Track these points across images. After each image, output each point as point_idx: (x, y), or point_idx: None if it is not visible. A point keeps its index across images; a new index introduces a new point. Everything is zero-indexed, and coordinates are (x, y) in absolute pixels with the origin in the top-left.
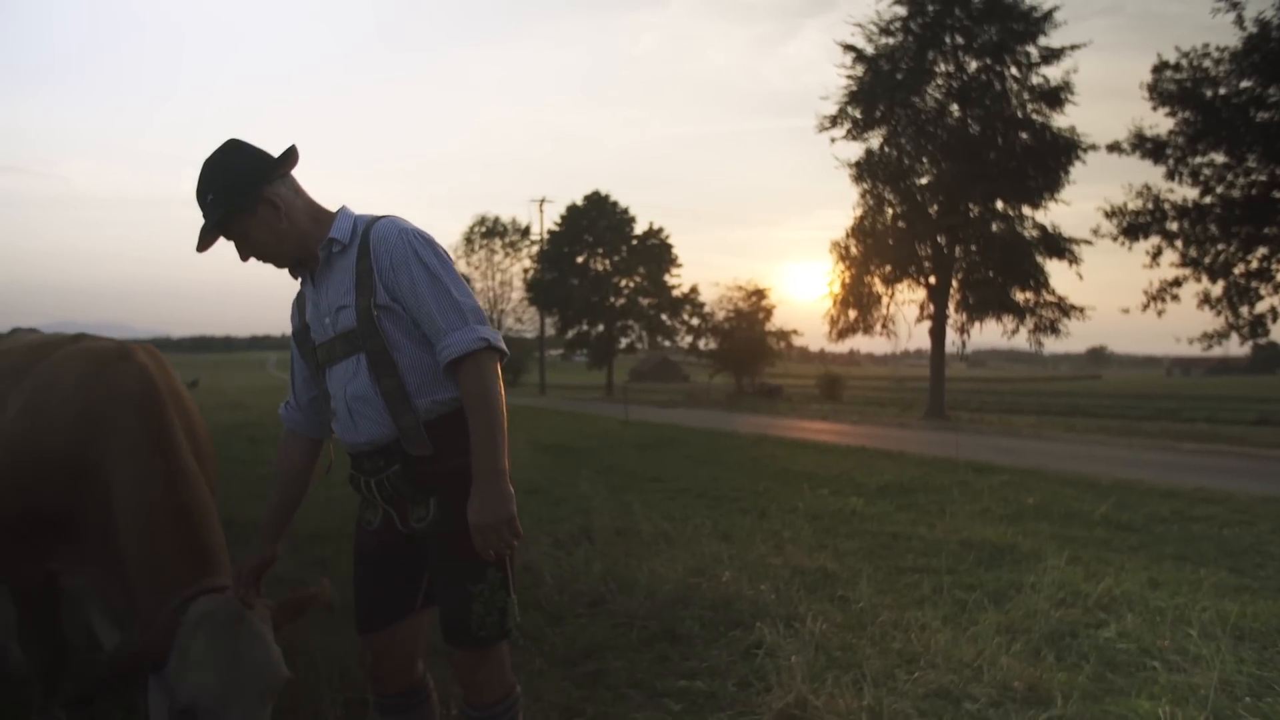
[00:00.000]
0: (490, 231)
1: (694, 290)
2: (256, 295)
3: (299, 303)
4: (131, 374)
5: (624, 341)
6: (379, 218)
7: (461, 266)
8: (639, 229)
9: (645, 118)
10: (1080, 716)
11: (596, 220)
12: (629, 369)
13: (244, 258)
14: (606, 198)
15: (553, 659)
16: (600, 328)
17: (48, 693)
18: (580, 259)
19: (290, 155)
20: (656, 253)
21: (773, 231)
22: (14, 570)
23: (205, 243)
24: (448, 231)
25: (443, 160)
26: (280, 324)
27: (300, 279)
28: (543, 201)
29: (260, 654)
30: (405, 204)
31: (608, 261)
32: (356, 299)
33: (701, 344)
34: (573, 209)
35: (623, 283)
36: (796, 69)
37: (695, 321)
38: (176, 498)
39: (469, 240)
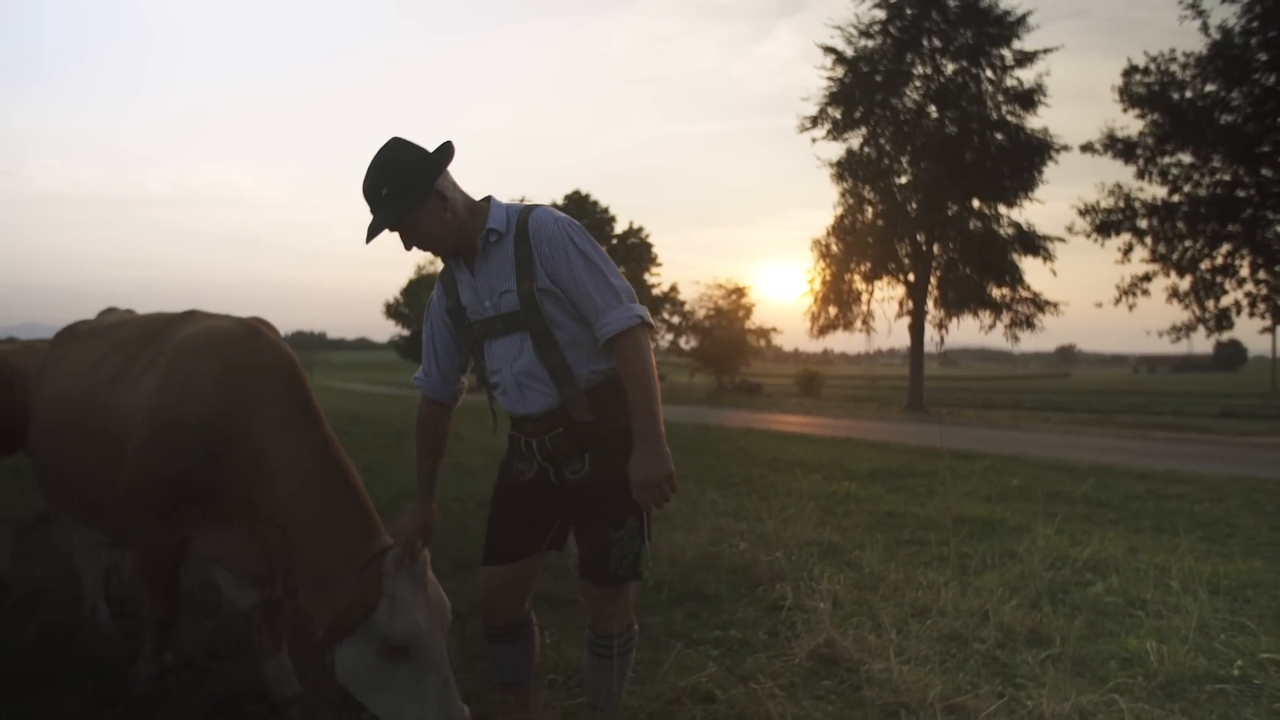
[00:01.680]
0: None
1: (674, 289)
2: (220, 295)
3: (447, 284)
4: (268, 349)
5: None
6: (531, 207)
7: (439, 265)
8: (619, 228)
9: (619, 118)
10: (1077, 654)
11: (577, 220)
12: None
13: (408, 247)
14: (587, 197)
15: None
16: None
17: (160, 641)
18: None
19: (449, 150)
20: (637, 252)
21: (746, 231)
22: (161, 537)
23: (374, 235)
24: None
25: None
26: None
27: (454, 263)
28: (523, 201)
29: (440, 595)
30: None
31: None
32: (518, 284)
33: (682, 342)
34: (553, 208)
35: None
36: (770, 69)
37: (676, 320)
38: (334, 465)
39: None
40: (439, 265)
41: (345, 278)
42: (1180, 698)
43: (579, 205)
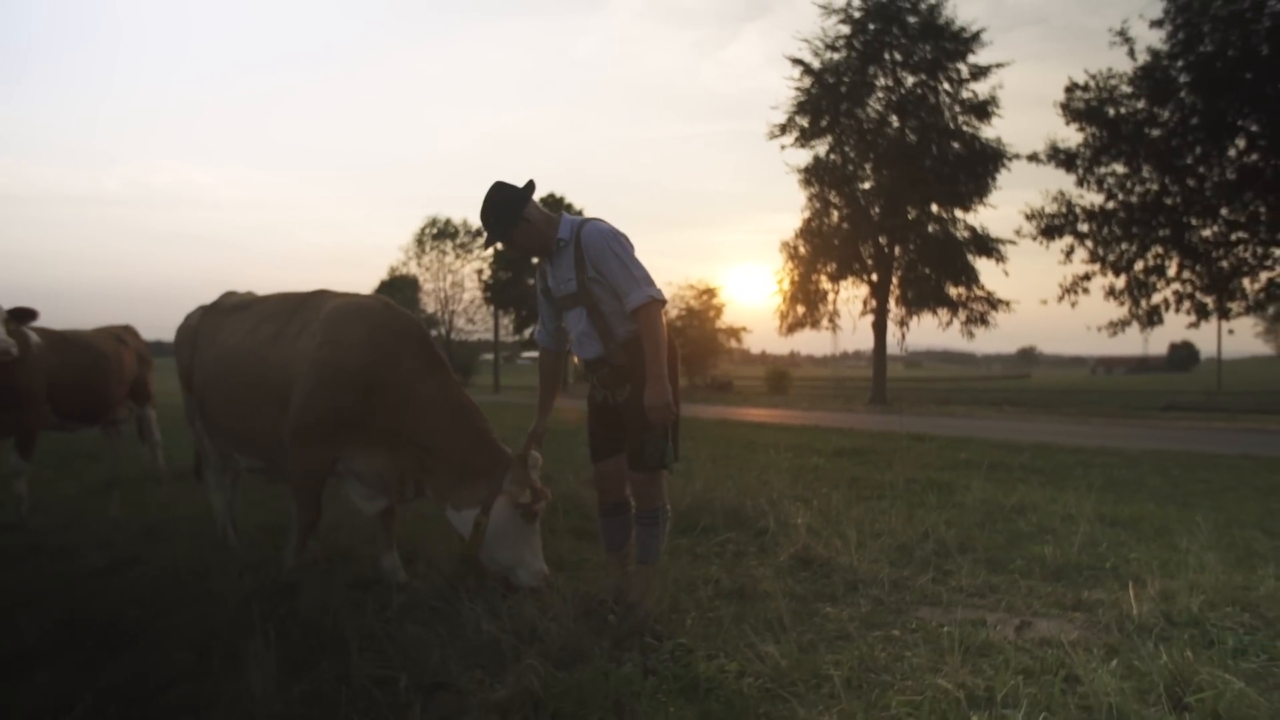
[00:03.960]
0: (442, 233)
1: None
2: (182, 296)
3: (541, 273)
4: (402, 316)
5: None
6: (586, 221)
7: (412, 267)
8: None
9: (586, 120)
10: (994, 557)
11: None
12: (571, 370)
13: (514, 254)
14: (560, 200)
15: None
16: None
17: (303, 541)
18: (488, 244)
19: (531, 186)
20: None
21: (714, 234)
22: (319, 459)
23: (489, 246)
24: (390, 233)
25: (387, 161)
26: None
27: (544, 260)
28: None
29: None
30: (348, 203)
31: None
32: (577, 274)
33: None
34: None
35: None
36: (736, 73)
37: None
38: (465, 400)
39: (420, 242)
40: (411, 268)
41: (310, 279)
42: (1063, 580)
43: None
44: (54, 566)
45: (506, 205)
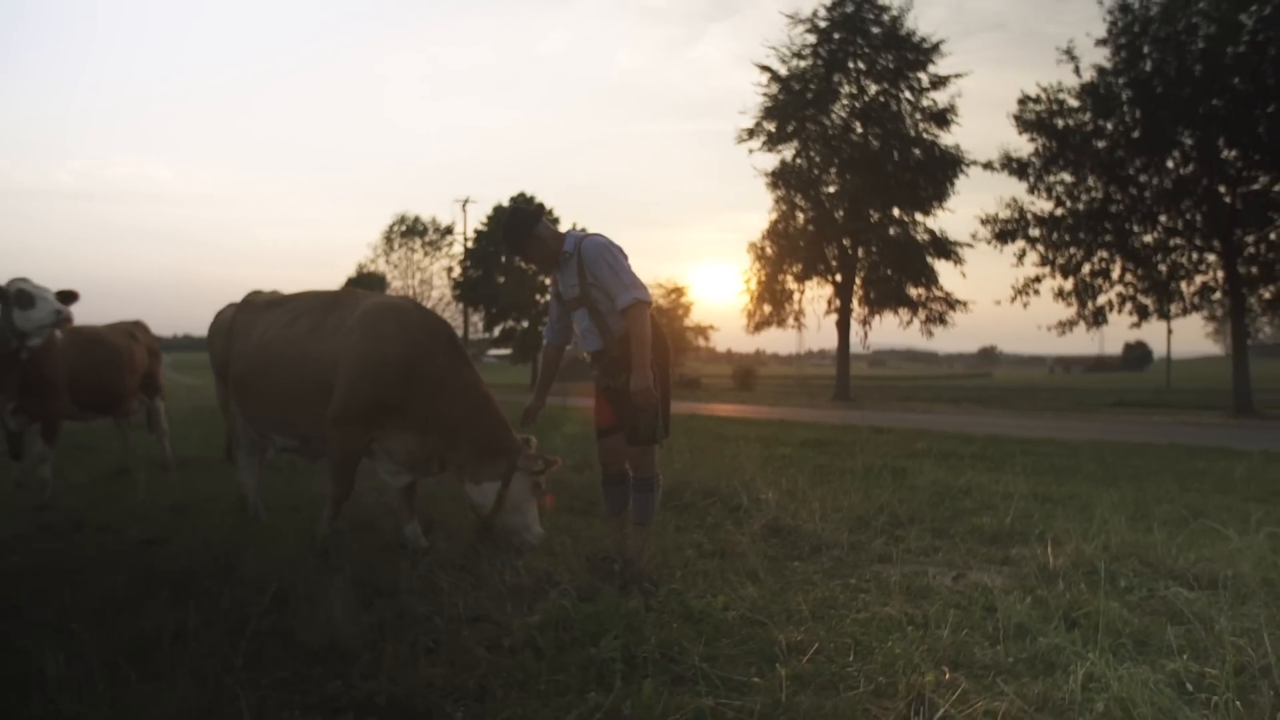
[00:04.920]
0: (410, 230)
1: None
2: (139, 293)
3: (553, 280)
4: (431, 316)
5: None
6: (586, 235)
7: (381, 265)
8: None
9: (552, 118)
10: (940, 527)
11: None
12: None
13: (526, 266)
14: (532, 199)
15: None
16: (525, 324)
17: (334, 512)
18: (506, 257)
19: (540, 209)
20: None
21: (680, 233)
22: (357, 439)
23: (508, 258)
24: (353, 230)
25: (349, 158)
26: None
27: (555, 269)
28: (466, 202)
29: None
30: (311, 200)
31: None
32: (579, 281)
33: None
34: (499, 209)
35: (548, 280)
36: (702, 72)
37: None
38: (486, 391)
39: (388, 239)
40: (379, 266)
41: (270, 278)
42: (997, 543)
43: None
44: (100, 539)
45: (518, 224)
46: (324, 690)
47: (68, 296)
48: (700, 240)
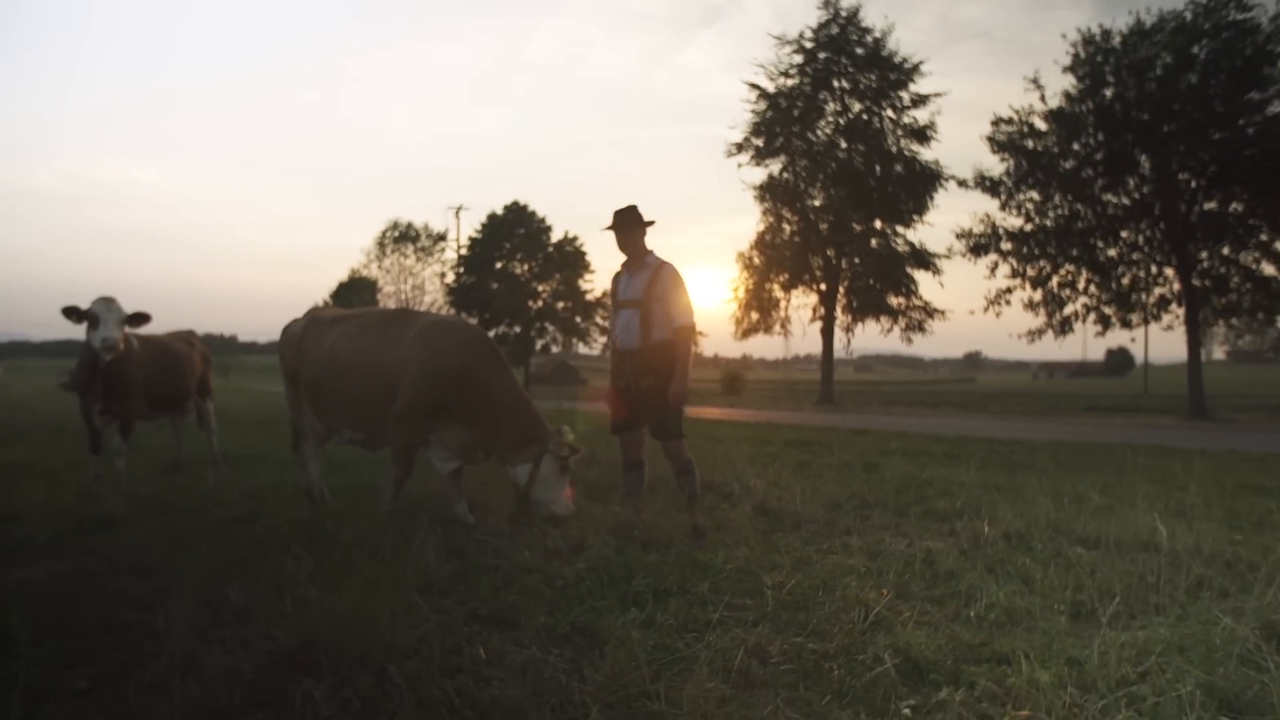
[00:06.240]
0: (403, 236)
1: (606, 294)
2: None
3: (617, 278)
4: (477, 331)
5: (540, 343)
6: (666, 262)
7: (373, 270)
8: (555, 236)
9: (540, 122)
10: (901, 509)
11: (515, 228)
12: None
13: (622, 250)
14: (525, 207)
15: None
16: (518, 329)
17: (395, 493)
18: (500, 264)
19: (650, 222)
20: (571, 259)
21: (668, 238)
22: (418, 432)
23: (617, 233)
24: (341, 234)
25: (337, 162)
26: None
27: (625, 268)
28: (459, 209)
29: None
30: (298, 204)
31: (526, 267)
32: (646, 290)
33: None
34: (493, 217)
35: (540, 288)
36: (690, 78)
37: (608, 323)
38: (524, 392)
39: (381, 245)
40: (371, 271)
41: (255, 280)
42: (947, 521)
43: (518, 215)
44: (188, 520)
45: (639, 218)
46: (439, 607)
47: (139, 318)
48: (687, 245)
